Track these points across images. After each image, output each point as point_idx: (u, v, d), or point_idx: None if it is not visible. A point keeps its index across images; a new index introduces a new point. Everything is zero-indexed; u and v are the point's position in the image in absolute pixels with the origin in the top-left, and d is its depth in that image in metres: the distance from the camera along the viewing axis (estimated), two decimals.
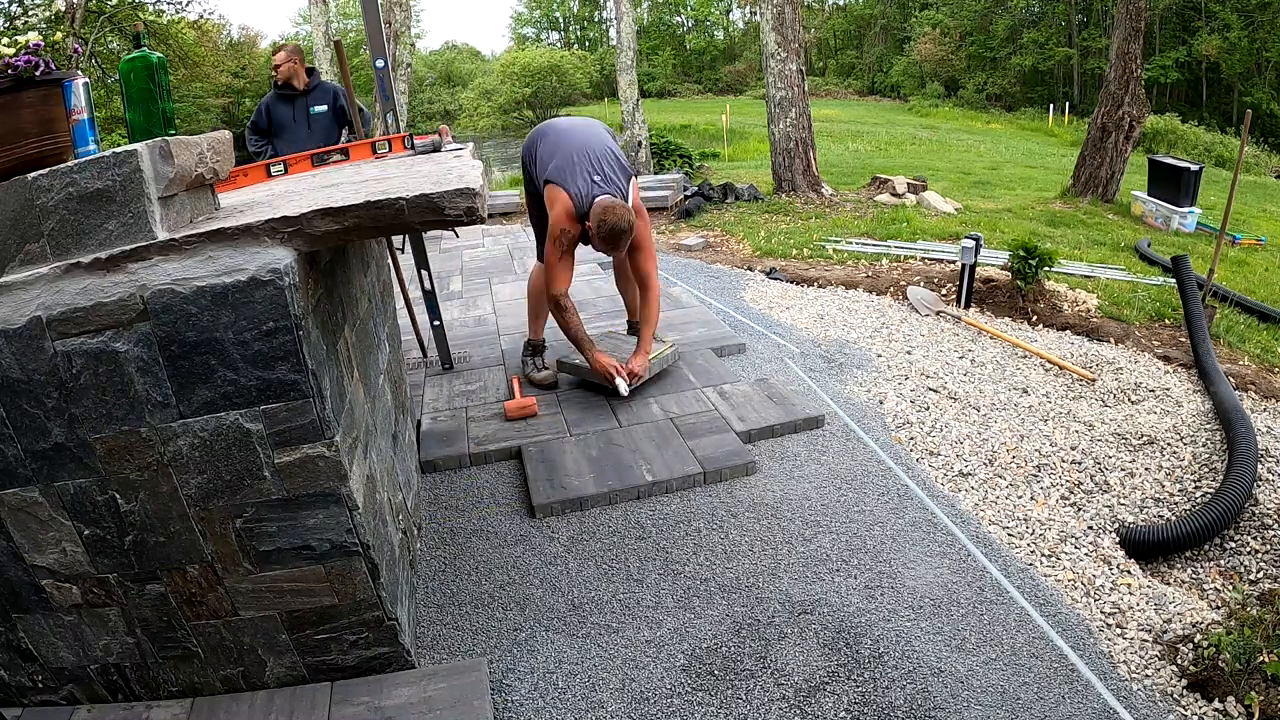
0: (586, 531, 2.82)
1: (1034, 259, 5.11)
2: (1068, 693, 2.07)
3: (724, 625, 2.34)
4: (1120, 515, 2.97)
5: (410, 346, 4.48)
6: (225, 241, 1.69)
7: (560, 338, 3.81)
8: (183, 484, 1.79)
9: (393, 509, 2.37)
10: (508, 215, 9.48)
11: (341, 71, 4.18)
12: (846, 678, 2.12)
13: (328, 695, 2.03)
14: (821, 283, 5.86)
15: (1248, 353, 4.62)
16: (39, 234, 1.64)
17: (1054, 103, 28.47)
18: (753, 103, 30.14)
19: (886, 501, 2.94)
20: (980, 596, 2.43)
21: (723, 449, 3.21)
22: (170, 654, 1.99)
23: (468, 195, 1.77)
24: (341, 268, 2.25)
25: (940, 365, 4.23)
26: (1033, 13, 34.48)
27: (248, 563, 1.90)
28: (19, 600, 1.88)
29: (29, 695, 2.02)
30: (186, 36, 20.70)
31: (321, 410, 1.79)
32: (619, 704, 2.08)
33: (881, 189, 9.36)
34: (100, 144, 1.80)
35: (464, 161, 2.49)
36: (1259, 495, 3.01)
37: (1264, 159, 19.77)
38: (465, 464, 3.31)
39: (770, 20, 8.85)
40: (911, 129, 23.92)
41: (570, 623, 2.38)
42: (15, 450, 1.72)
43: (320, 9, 11.71)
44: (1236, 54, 26.75)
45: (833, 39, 46.30)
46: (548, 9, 53.81)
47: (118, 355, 1.67)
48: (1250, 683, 2.00)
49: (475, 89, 35.89)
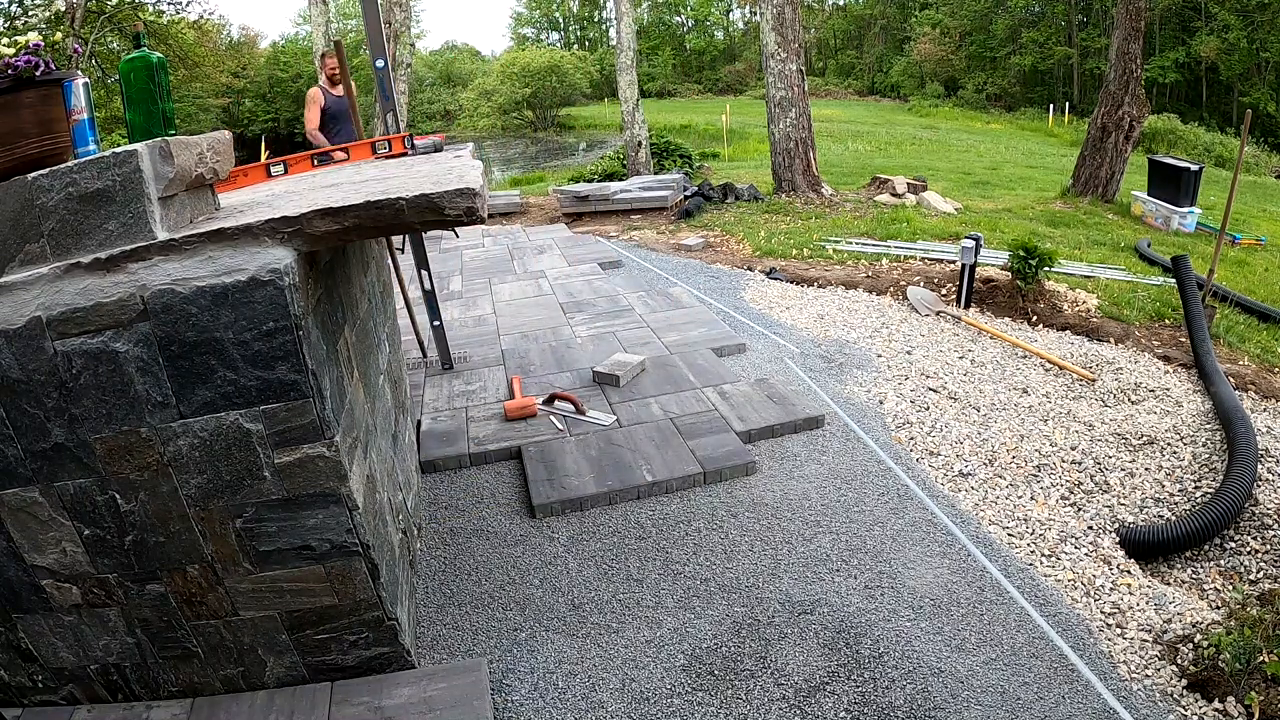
0: (586, 531, 2.82)
1: (1034, 259, 5.10)
2: (1068, 693, 2.07)
3: (724, 625, 2.34)
4: (1120, 515, 2.97)
5: (410, 346, 4.48)
6: (225, 241, 1.69)
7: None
8: (183, 484, 1.79)
9: (393, 509, 2.37)
10: (508, 215, 9.48)
11: (341, 71, 4.18)
12: (846, 678, 2.12)
13: (328, 695, 2.03)
14: (821, 283, 5.86)
15: (1248, 353, 4.62)
16: (39, 234, 1.64)
17: (1054, 103, 28.47)
18: (753, 103, 30.13)
19: (886, 501, 2.94)
20: (980, 596, 2.43)
21: (723, 449, 3.21)
22: (170, 654, 1.99)
23: (468, 195, 1.77)
24: (341, 268, 2.25)
25: (940, 365, 4.23)
26: (1033, 13, 34.46)
27: (248, 563, 1.90)
28: (19, 600, 1.88)
29: (29, 695, 2.02)
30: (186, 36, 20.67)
31: (321, 410, 1.79)
32: (619, 704, 2.08)
33: (881, 189, 9.36)
34: (100, 144, 1.79)
35: (464, 162, 2.49)
36: (1259, 495, 3.01)
37: (1264, 159, 19.75)
38: (465, 464, 3.31)
39: (770, 20, 8.85)
40: (911, 129, 23.91)
41: (570, 623, 2.38)
42: (15, 450, 1.72)
43: (320, 9, 11.70)
44: (1236, 54, 26.74)
45: (833, 39, 46.29)
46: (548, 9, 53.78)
47: (118, 355, 1.67)
48: (1250, 683, 2.00)
49: (475, 89, 35.85)
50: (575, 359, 4.29)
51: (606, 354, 4.28)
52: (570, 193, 9.13)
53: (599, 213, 8.95)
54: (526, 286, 5.96)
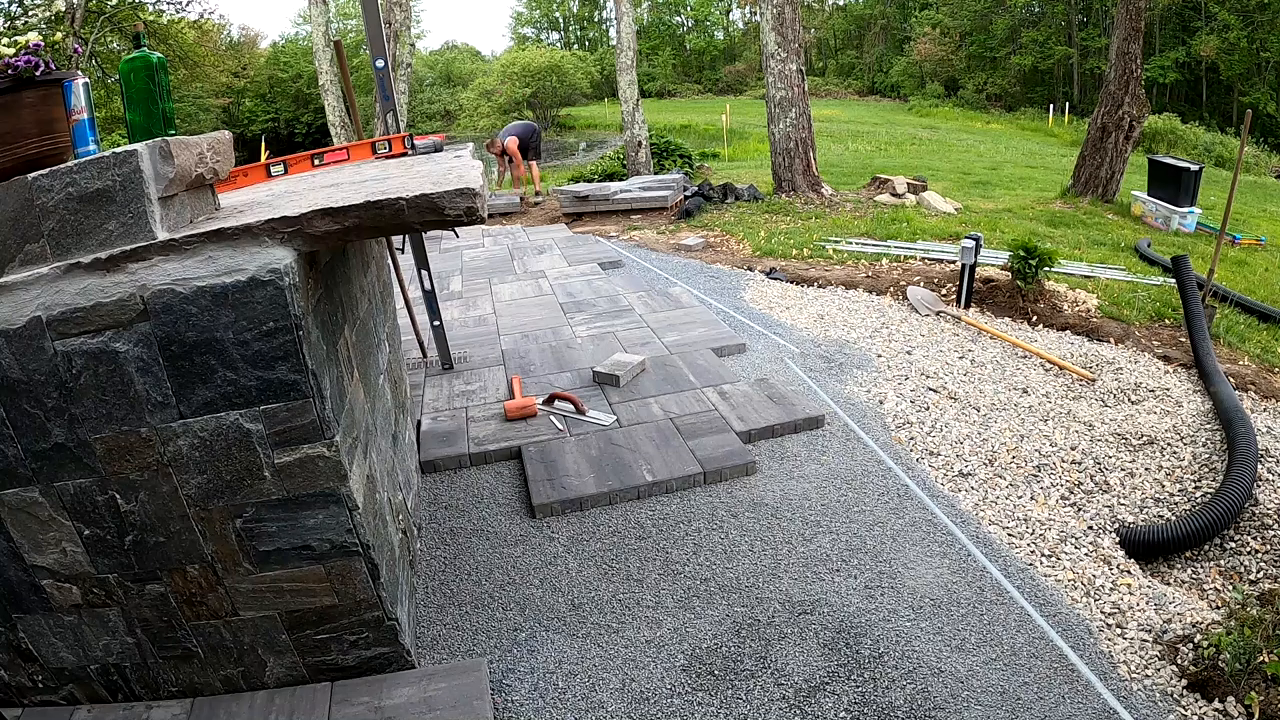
0: (586, 531, 2.82)
1: (1034, 259, 5.10)
2: (1068, 693, 2.07)
3: (724, 625, 2.34)
4: (1120, 515, 2.97)
5: (410, 346, 4.48)
6: (225, 241, 1.69)
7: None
8: (183, 484, 1.79)
9: (393, 509, 2.37)
10: (508, 215, 9.48)
11: (341, 72, 4.18)
12: (846, 678, 2.12)
13: (328, 695, 2.03)
14: (821, 283, 5.86)
15: (1248, 353, 4.62)
16: (39, 234, 1.64)
17: (1054, 103, 28.47)
18: (753, 103, 30.13)
19: (886, 501, 2.94)
20: (980, 596, 2.43)
21: (723, 449, 3.21)
22: (170, 654, 1.99)
23: (468, 195, 1.77)
24: (341, 268, 2.25)
25: (940, 365, 4.23)
26: (1032, 12, 34.45)
27: (248, 563, 1.90)
28: (19, 600, 1.88)
29: (29, 695, 2.02)
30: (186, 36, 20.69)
31: (321, 410, 1.79)
32: (619, 704, 2.08)
33: (881, 189, 9.36)
34: (100, 144, 1.79)
35: (464, 162, 2.49)
36: (1259, 495, 3.01)
37: (1264, 159, 19.75)
38: (465, 464, 3.31)
39: (770, 20, 8.85)
40: (911, 129, 23.91)
41: (570, 623, 2.38)
42: (15, 450, 1.72)
43: (320, 9, 11.70)
44: (1236, 54, 26.74)
45: (833, 39, 46.28)
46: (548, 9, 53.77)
47: (118, 355, 1.67)
48: (1250, 683, 2.00)
49: (475, 89, 35.84)
50: (575, 359, 4.29)
51: (606, 354, 4.28)
52: (570, 193, 9.13)
53: (599, 213, 8.95)
54: (526, 286, 5.96)
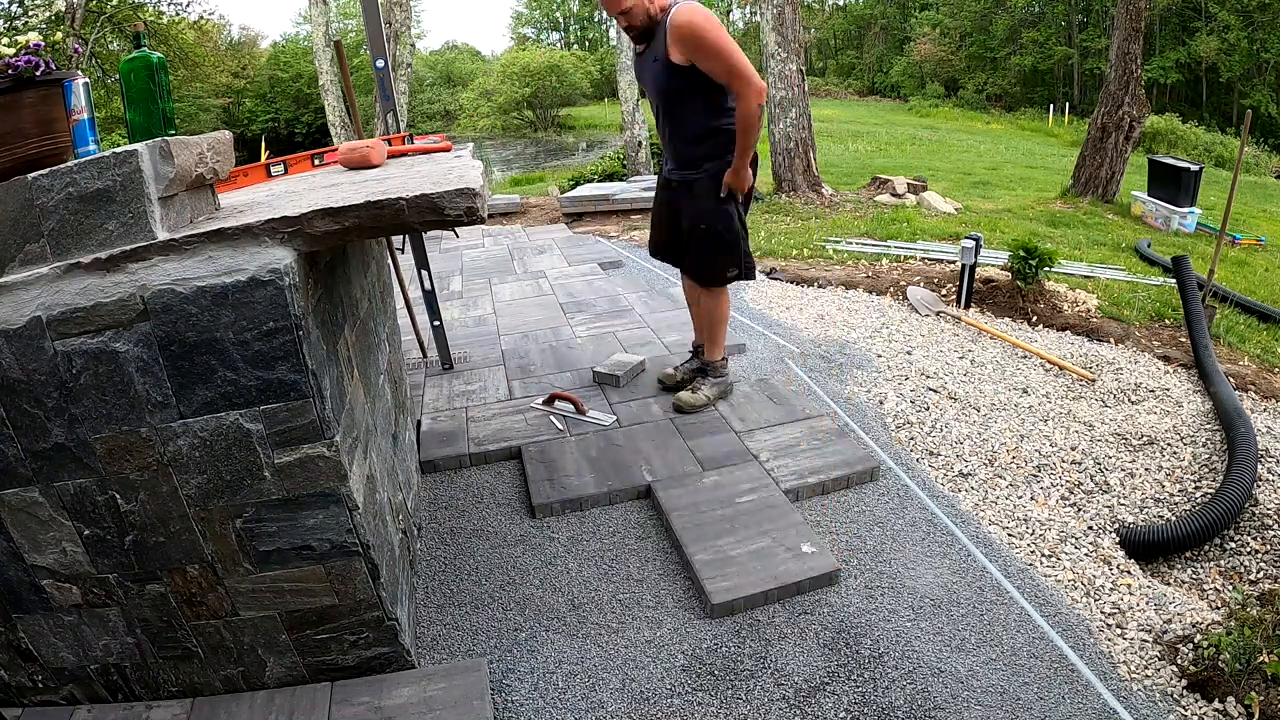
0: (586, 531, 2.82)
1: (1034, 259, 5.10)
2: (1068, 693, 2.07)
3: (724, 625, 2.34)
4: (1120, 515, 2.97)
5: (410, 346, 4.48)
6: (225, 241, 1.69)
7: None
8: (183, 484, 1.79)
9: (393, 509, 2.37)
10: (508, 215, 9.48)
11: (341, 72, 4.18)
12: (846, 678, 2.12)
13: (328, 695, 2.03)
14: (821, 283, 5.86)
15: (1248, 353, 4.62)
16: (39, 234, 1.64)
17: (1054, 103, 28.49)
18: None
19: (886, 501, 2.94)
20: (980, 597, 2.43)
21: (723, 449, 3.21)
22: (170, 654, 1.99)
23: (468, 195, 1.77)
24: (342, 268, 2.25)
25: (940, 365, 4.23)
26: (1033, 13, 34.47)
27: (248, 563, 1.90)
28: (19, 600, 1.88)
29: (29, 695, 2.02)
30: (186, 37, 20.70)
31: (321, 410, 1.79)
32: (619, 704, 2.08)
33: (881, 189, 9.36)
34: (100, 144, 1.79)
35: (464, 162, 2.49)
36: (1259, 495, 3.01)
37: (1264, 159, 19.76)
38: (465, 464, 3.31)
39: (770, 20, 8.85)
40: (911, 129, 23.92)
41: (570, 623, 2.38)
42: (15, 450, 1.72)
43: (320, 9, 11.70)
44: (1236, 54, 26.76)
45: (833, 39, 46.31)
46: (548, 9, 53.79)
47: (118, 355, 1.67)
48: (1250, 683, 2.00)
49: (475, 89, 35.84)
50: (575, 359, 4.29)
51: (607, 354, 4.28)
52: (570, 195, 9.14)
53: (599, 213, 8.95)
54: (527, 286, 5.96)
